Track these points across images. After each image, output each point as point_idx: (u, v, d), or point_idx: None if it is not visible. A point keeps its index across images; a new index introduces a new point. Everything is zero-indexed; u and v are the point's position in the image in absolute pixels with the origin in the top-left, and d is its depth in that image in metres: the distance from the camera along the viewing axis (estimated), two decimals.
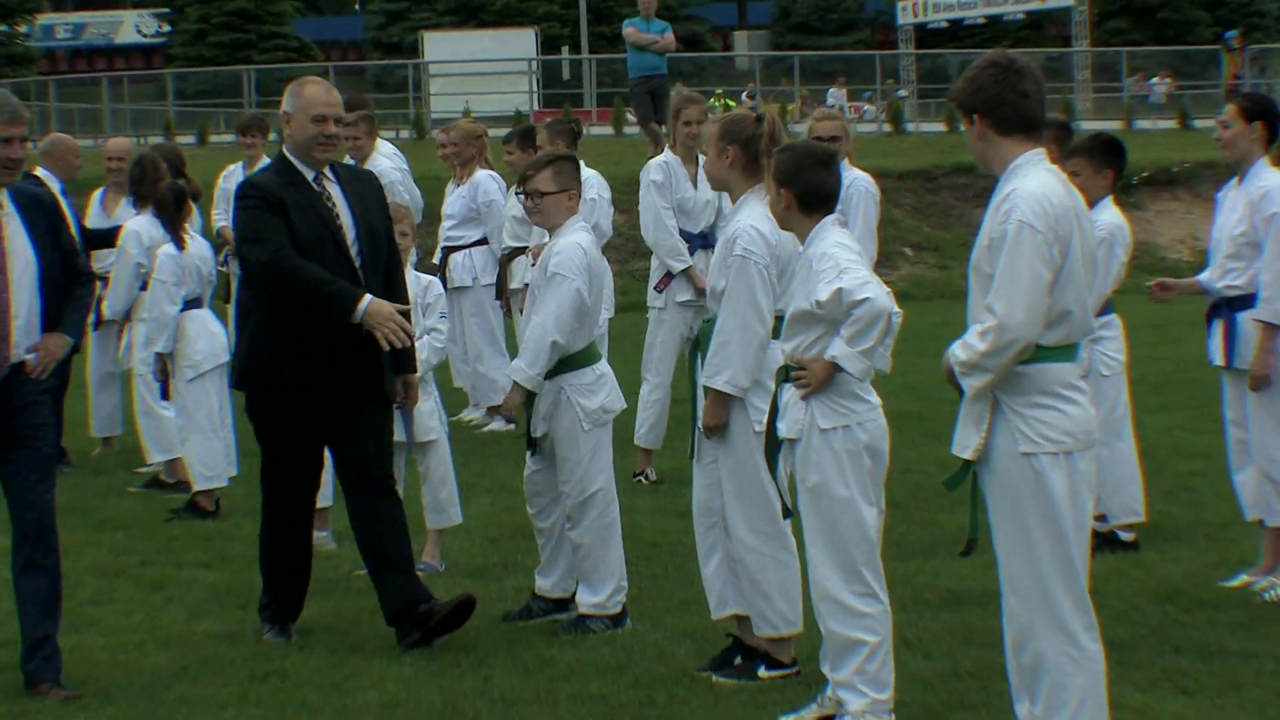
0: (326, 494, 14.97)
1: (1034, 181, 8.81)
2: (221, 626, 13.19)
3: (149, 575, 14.81)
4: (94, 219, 19.88)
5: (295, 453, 12.45)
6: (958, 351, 8.79)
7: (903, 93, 66.92)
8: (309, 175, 12.14)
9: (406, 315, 12.33)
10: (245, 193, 12.30)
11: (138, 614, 13.57)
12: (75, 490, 18.39)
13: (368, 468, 12.38)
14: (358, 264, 12.14)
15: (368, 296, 11.85)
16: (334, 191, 12.21)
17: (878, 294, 9.85)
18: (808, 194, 10.17)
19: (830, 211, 10.29)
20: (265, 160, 20.40)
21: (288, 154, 12.25)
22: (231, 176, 22.61)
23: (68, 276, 11.31)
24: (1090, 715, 8.80)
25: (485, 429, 21.45)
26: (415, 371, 12.67)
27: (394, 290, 12.41)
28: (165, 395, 17.35)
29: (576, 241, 12.44)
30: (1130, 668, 10.88)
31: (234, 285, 22.20)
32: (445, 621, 12.08)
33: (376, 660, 12.09)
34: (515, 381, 12.34)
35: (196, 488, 16.84)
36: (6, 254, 10.95)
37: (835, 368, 9.85)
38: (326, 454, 12.68)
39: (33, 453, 11.21)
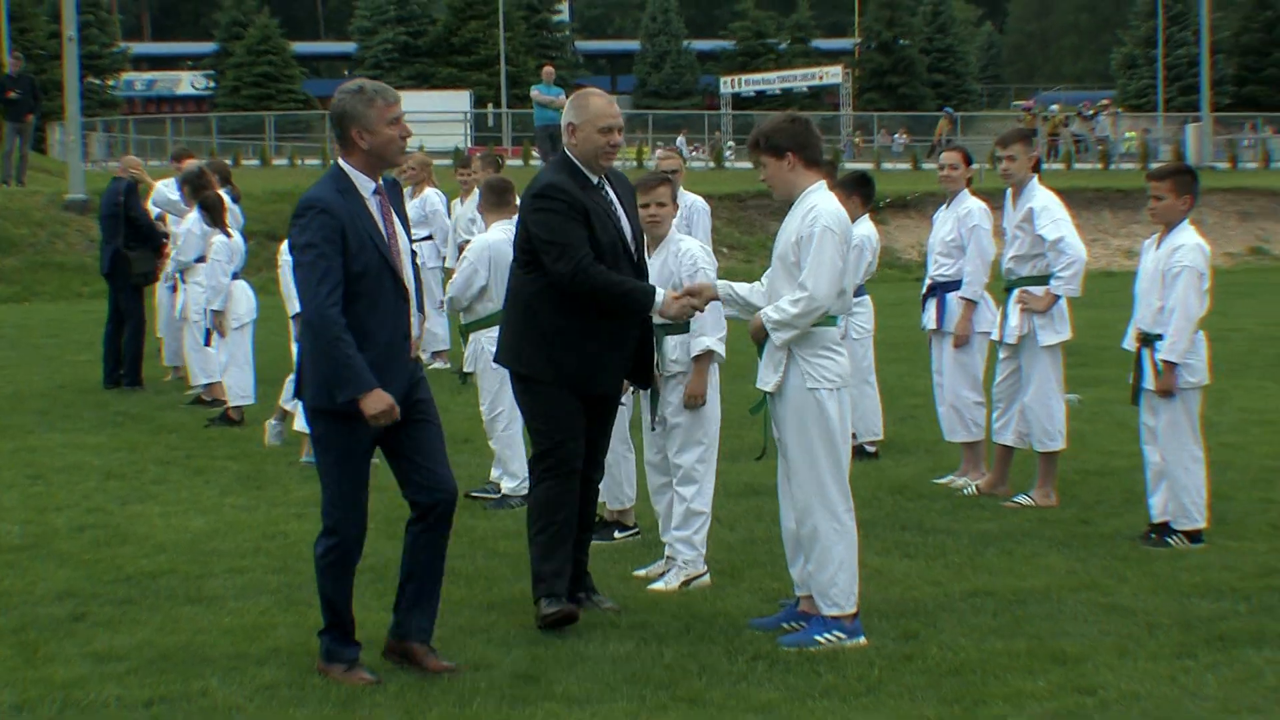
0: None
1: (829, 200, 8.91)
2: (243, 501, 13.12)
3: (193, 464, 14.76)
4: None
5: (577, 434, 9.48)
6: (772, 314, 8.85)
7: (730, 143, 66.88)
8: (594, 180, 9.50)
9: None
10: (550, 195, 9.36)
11: (184, 490, 13.53)
12: (144, 404, 18.42)
13: (601, 454, 9.89)
14: (636, 259, 9.61)
15: (660, 290, 9.41)
16: (611, 195, 9.58)
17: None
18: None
19: None
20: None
21: (573, 159, 9.50)
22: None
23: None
24: (847, 571, 8.86)
25: (429, 367, 21.38)
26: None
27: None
28: (207, 341, 17.45)
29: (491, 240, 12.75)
30: (871, 539, 10.90)
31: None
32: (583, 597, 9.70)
33: None
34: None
35: (231, 404, 16.90)
36: (397, 237, 8.29)
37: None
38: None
39: (434, 427, 8.46)
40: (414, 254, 8.55)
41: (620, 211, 9.56)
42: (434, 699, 7.95)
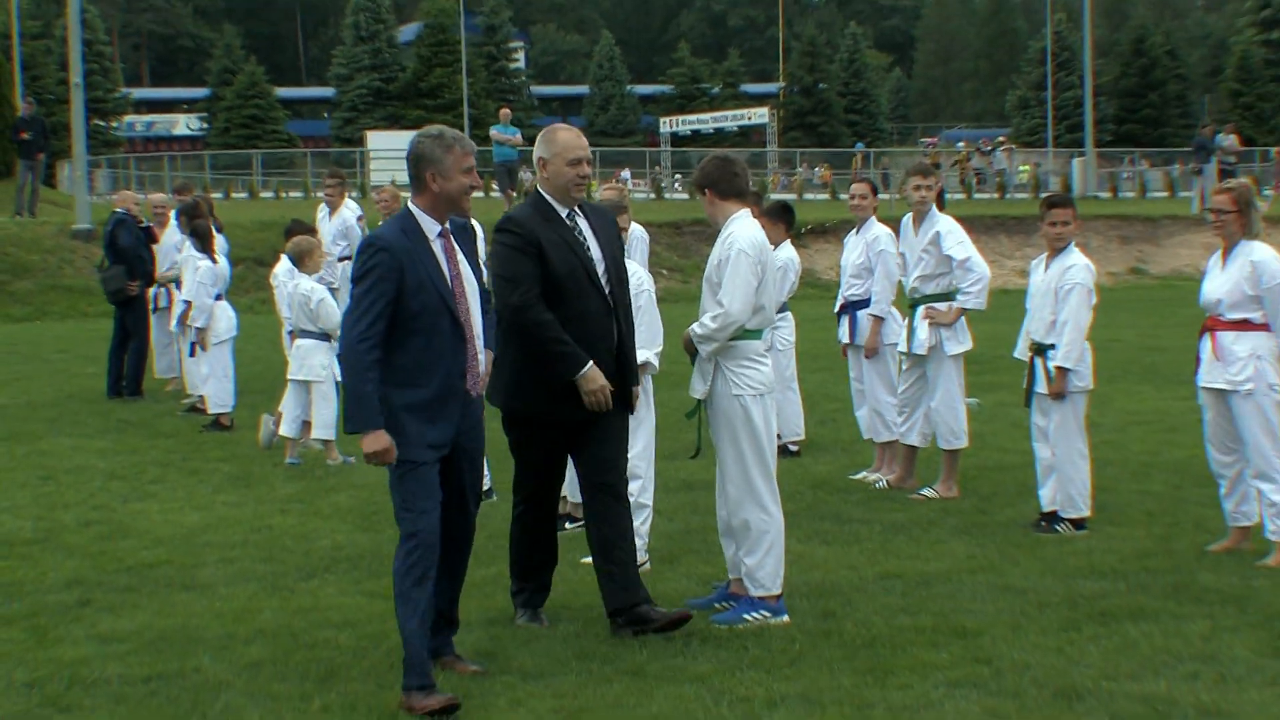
0: (293, 427, 14.81)
1: (746, 227, 8.91)
2: (233, 498, 13.06)
3: (188, 465, 14.70)
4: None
5: (550, 459, 8.95)
6: (696, 329, 8.89)
7: (679, 176, 66.89)
8: (563, 212, 8.70)
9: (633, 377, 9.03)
10: (504, 228, 8.70)
11: (180, 489, 13.47)
12: (144, 412, 18.33)
13: (603, 474, 8.83)
14: (606, 290, 8.71)
15: (589, 364, 8.56)
16: (584, 226, 8.76)
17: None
18: None
19: None
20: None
21: (543, 194, 8.75)
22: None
23: (483, 295, 7.94)
24: (774, 557, 8.89)
25: None
26: (639, 384, 9.20)
27: (627, 306, 8.98)
28: (192, 354, 17.60)
29: None
30: (794, 528, 10.89)
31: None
32: (660, 629, 8.62)
33: (330, 521, 12.01)
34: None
35: (211, 412, 16.86)
36: (462, 278, 7.64)
37: None
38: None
39: (476, 472, 7.90)
40: (488, 294, 8.02)
41: (591, 243, 8.74)
42: (402, 672, 7.91)
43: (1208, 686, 7.59)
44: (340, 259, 20.97)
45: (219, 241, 18.20)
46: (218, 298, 17.14)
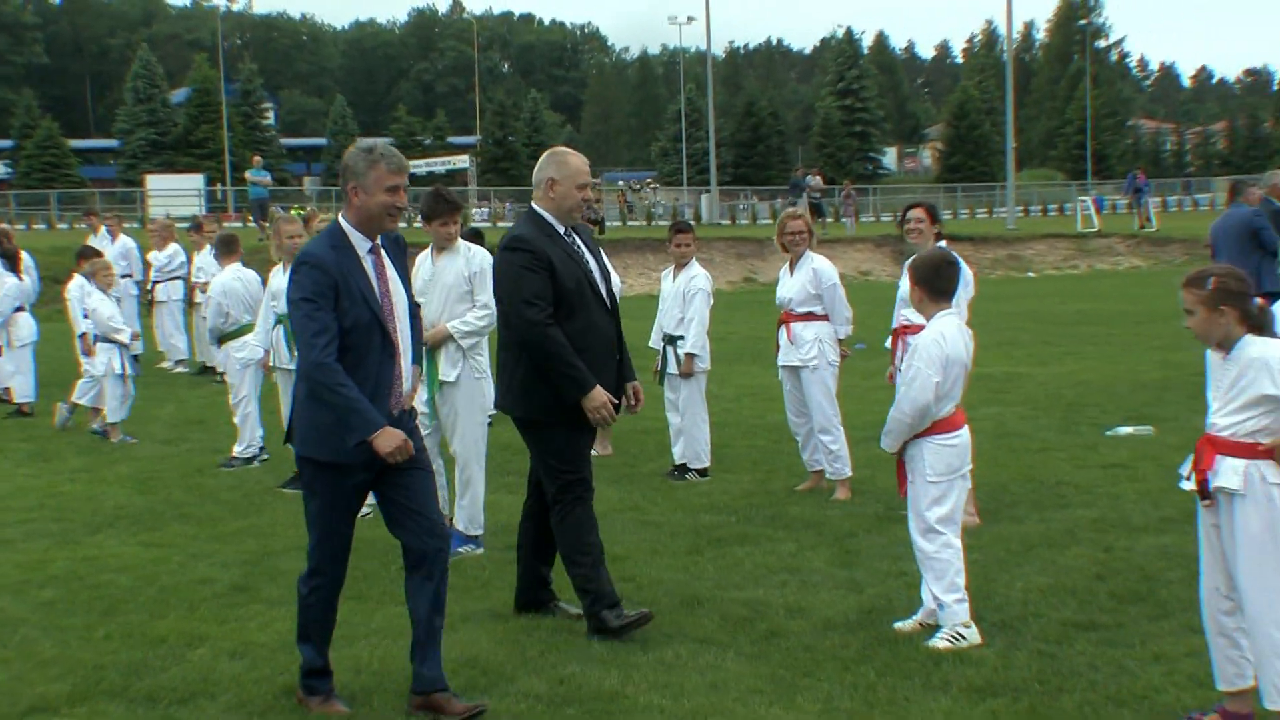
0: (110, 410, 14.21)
1: (481, 247, 8.97)
2: (31, 471, 12.50)
3: (31, 449, 14.03)
4: None
5: (589, 460, 7.30)
6: (462, 325, 8.91)
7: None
8: (560, 230, 7.18)
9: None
10: (515, 247, 7.06)
11: (24, 470, 12.84)
12: None
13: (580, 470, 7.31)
14: (607, 302, 7.23)
15: (595, 386, 7.00)
16: (579, 242, 7.25)
17: None
18: None
19: None
20: None
21: (541, 212, 7.17)
22: None
23: (412, 310, 6.10)
24: (480, 503, 8.90)
25: (173, 371, 20.60)
26: (634, 379, 7.46)
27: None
28: None
29: None
30: (488, 482, 10.94)
31: None
32: (631, 625, 7.09)
33: (112, 487, 11.54)
34: None
35: (15, 401, 16.15)
36: (392, 294, 5.90)
37: None
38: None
39: (426, 474, 5.97)
40: (416, 307, 6.24)
41: (589, 257, 7.30)
42: (172, 604, 7.71)
43: (794, 591, 7.83)
44: (122, 276, 20.71)
45: (26, 261, 17.46)
46: (18, 309, 16.42)
